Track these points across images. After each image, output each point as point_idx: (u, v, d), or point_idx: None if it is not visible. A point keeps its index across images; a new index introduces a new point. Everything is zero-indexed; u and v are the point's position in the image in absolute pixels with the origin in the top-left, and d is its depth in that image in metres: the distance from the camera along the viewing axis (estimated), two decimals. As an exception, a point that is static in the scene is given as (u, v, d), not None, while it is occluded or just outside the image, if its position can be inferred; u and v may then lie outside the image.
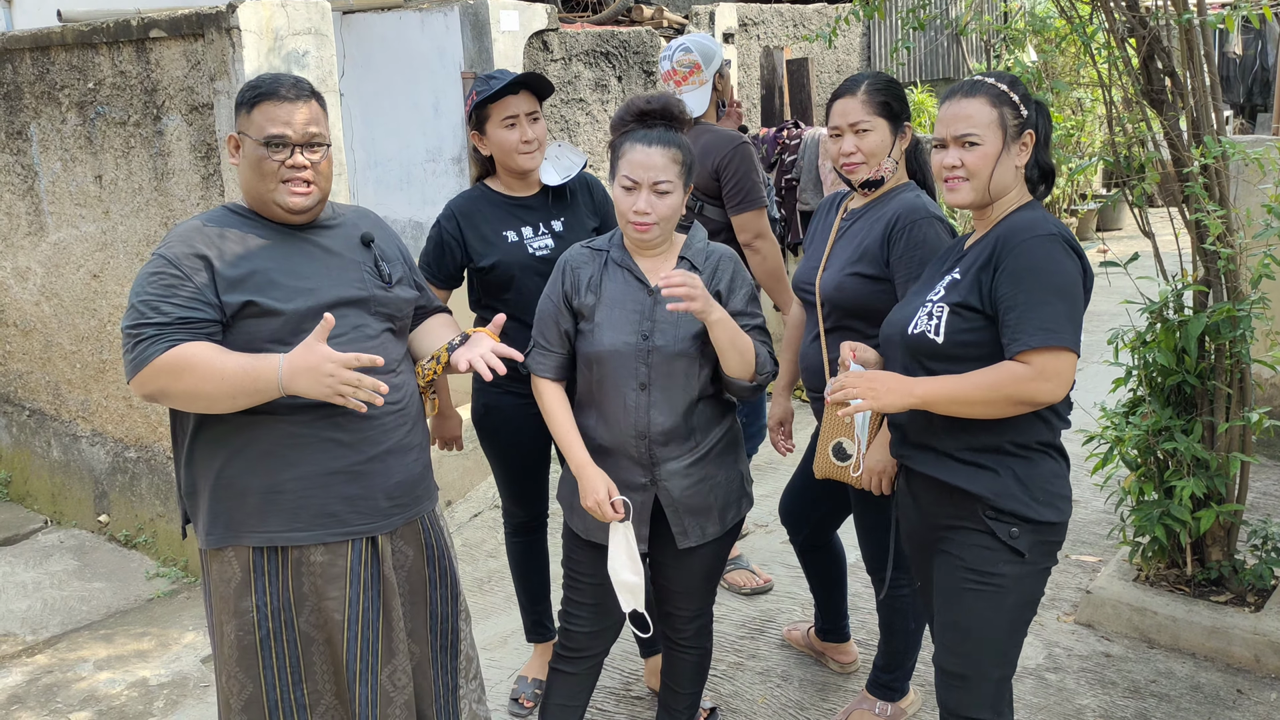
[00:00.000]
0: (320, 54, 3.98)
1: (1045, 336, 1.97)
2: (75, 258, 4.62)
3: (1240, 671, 3.12)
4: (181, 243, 2.07)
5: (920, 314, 2.15)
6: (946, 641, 2.19)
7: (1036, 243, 2.03)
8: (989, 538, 2.11)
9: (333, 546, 2.13)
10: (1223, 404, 3.17)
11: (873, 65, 8.38)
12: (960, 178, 2.12)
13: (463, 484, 4.70)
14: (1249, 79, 12.51)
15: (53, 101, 4.51)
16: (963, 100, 2.14)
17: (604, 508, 2.29)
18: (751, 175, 3.30)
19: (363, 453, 2.14)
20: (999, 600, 2.12)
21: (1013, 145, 2.12)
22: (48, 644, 3.85)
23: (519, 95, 2.73)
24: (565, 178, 2.83)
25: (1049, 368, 1.97)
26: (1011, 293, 2.01)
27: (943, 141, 2.16)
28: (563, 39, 5.72)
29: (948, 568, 2.17)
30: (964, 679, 2.17)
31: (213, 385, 1.96)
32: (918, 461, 2.21)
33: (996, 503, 2.09)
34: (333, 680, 2.19)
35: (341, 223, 2.24)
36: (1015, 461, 2.10)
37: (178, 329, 1.99)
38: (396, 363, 2.22)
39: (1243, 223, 3.20)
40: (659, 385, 2.30)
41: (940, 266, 2.27)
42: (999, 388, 1.99)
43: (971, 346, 2.08)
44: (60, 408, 4.95)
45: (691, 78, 3.40)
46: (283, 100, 2.09)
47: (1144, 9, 3.10)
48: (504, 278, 2.75)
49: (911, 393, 2.05)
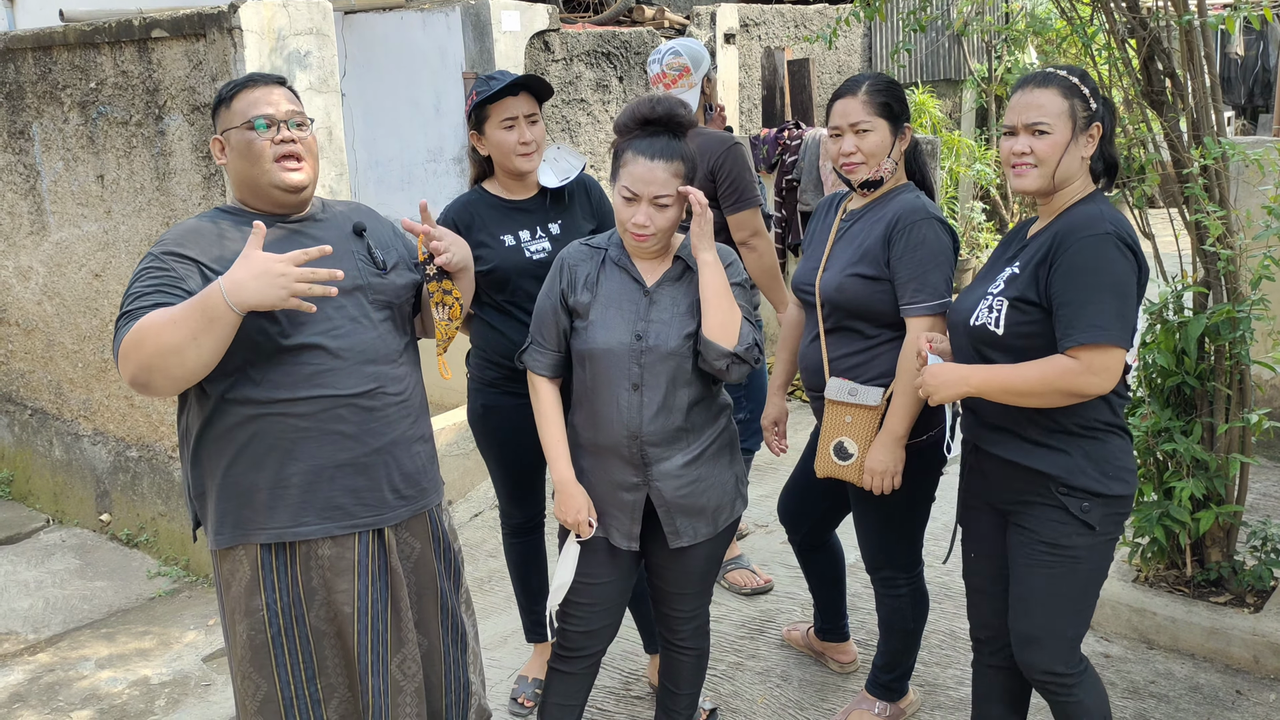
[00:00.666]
0: (322, 54, 3.99)
1: (1095, 334, 2.08)
2: (77, 257, 4.63)
3: (1239, 672, 3.12)
4: (173, 243, 2.07)
5: (981, 306, 2.24)
6: (1021, 608, 2.31)
7: (1091, 241, 2.12)
8: (1062, 513, 2.23)
9: (340, 539, 2.14)
10: (1222, 405, 3.17)
11: (874, 66, 8.38)
12: (1028, 164, 2.20)
13: (463, 484, 4.71)
14: (1250, 80, 12.51)
15: (55, 101, 4.52)
16: (1035, 90, 2.21)
17: (581, 527, 2.36)
18: (745, 175, 3.33)
19: (367, 445, 2.14)
20: (1073, 569, 2.25)
21: (1080, 136, 2.20)
22: (49, 642, 3.86)
23: (518, 97, 2.73)
24: (563, 181, 2.83)
25: (1097, 362, 2.08)
26: (1065, 289, 2.12)
27: (1013, 129, 2.23)
28: (564, 39, 5.72)
29: (1022, 540, 2.29)
30: (1039, 640, 2.30)
31: (169, 334, 1.88)
32: (992, 444, 2.31)
33: (1069, 480, 2.21)
34: (345, 673, 2.20)
35: (332, 216, 2.26)
36: (1084, 441, 2.22)
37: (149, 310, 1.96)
38: (398, 353, 2.22)
39: (1243, 224, 3.20)
40: (652, 385, 2.30)
41: (1003, 254, 2.35)
42: (1049, 380, 2.11)
43: (1030, 338, 2.18)
44: (62, 407, 4.96)
45: (681, 81, 3.45)
46: (257, 85, 2.14)
47: (1144, 10, 3.10)
48: (500, 280, 2.76)
49: (966, 381, 2.19)
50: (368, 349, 2.14)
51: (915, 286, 2.49)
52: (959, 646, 3.34)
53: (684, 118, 2.30)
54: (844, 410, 2.62)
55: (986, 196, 8.28)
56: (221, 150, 2.16)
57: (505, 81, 2.70)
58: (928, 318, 2.49)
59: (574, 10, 7.20)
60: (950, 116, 8.75)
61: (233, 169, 2.15)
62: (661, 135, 2.28)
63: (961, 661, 3.25)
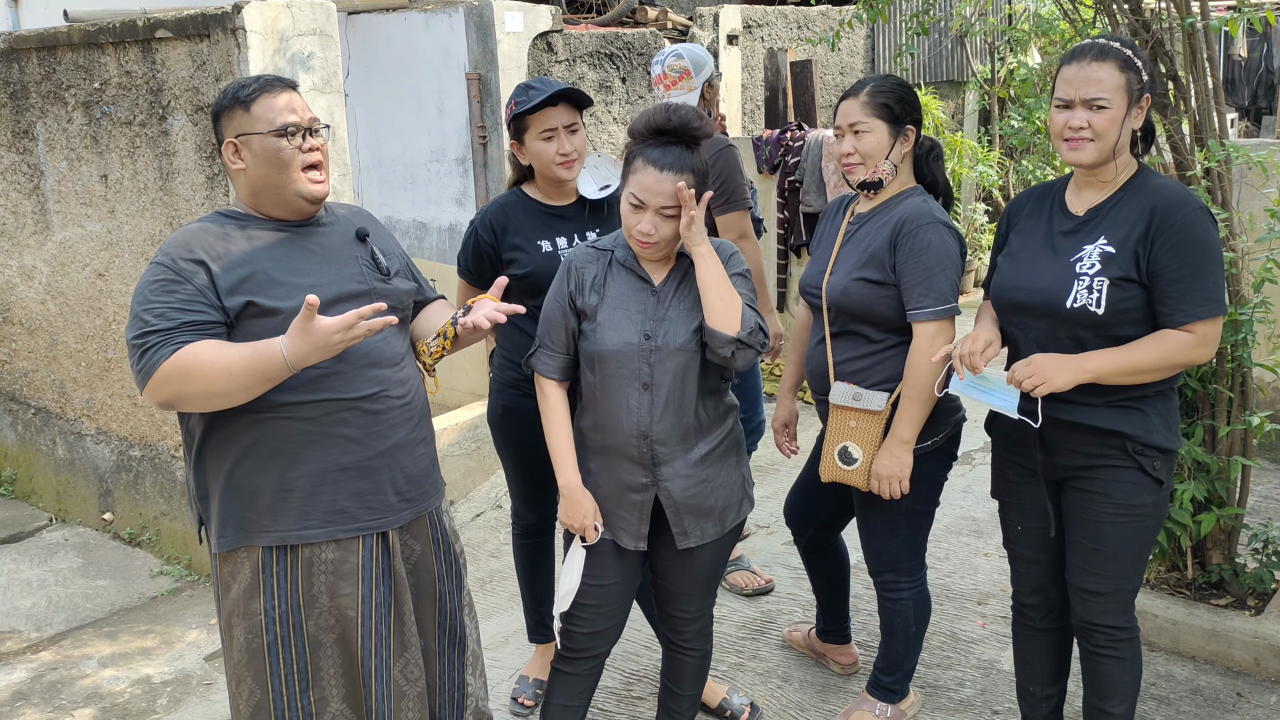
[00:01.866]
0: (325, 54, 4.00)
1: (1211, 307, 2.17)
2: (81, 257, 4.64)
3: (1240, 675, 3.12)
4: (178, 247, 2.06)
5: (1078, 287, 2.24)
6: (1089, 566, 2.38)
7: (1195, 217, 2.19)
8: (1135, 472, 2.30)
9: (344, 543, 2.14)
10: (1224, 408, 3.18)
11: (877, 68, 8.38)
12: (1085, 139, 2.21)
13: (465, 484, 4.72)
14: (1254, 82, 12.49)
15: (59, 101, 4.53)
16: (1093, 64, 2.22)
17: (587, 532, 2.37)
18: (736, 177, 3.34)
19: (371, 448, 2.15)
20: (1141, 526, 2.34)
21: (1133, 109, 2.22)
22: (52, 641, 3.87)
23: (558, 107, 2.69)
24: (603, 191, 2.82)
25: (1210, 334, 2.18)
26: (1176, 266, 2.17)
27: (1069, 102, 2.23)
28: (567, 40, 5.73)
29: (1088, 503, 2.36)
30: (1106, 595, 2.39)
31: (222, 382, 1.95)
32: (1069, 412, 2.32)
33: (1146, 439, 2.28)
34: (341, 683, 2.19)
35: (335, 221, 2.26)
36: (1155, 401, 2.29)
37: (181, 333, 1.99)
38: (401, 356, 2.23)
39: (1245, 226, 3.20)
40: (661, 384, 2.31)
41: (1050, 225, 2.35)
42: (1169, 358, 2.19)
43: (1127, 314, 2.23)
44: (65, 406, 4.97)
45: (681, 83, 3.46)
46: (278, 90, 2.12)
47: (1147, 12, 3.10)
48: (535, 286, 2.73)
49: (1084, 368, 2.21)
50: (372, 353, 2.14)
51: (920, 291, 2.49)
52: (960, 649, 3.34)
53: (698, 129, 2.28)
54: (848, 415, 2.62)
55: (989, 198, 8.28)
56: (236, 153, 2.11)
57: (546, 93, 2.66)
58: (933, 323, 2.49)
59: (577, 11, 7.20)
60: (953, 118, 8.75)
61: (252, 174, 2.12)
62: (674, 146, 2.27)
63: (963, 663, 3.26)
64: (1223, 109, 3.14)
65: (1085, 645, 2.46)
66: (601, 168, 2.86)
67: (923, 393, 2.49)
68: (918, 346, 2.50)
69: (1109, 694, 2.45)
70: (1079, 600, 2.42)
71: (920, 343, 2.50)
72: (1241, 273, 3.09)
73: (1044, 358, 2.24)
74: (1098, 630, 2.42)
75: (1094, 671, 2.46)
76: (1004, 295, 2.39)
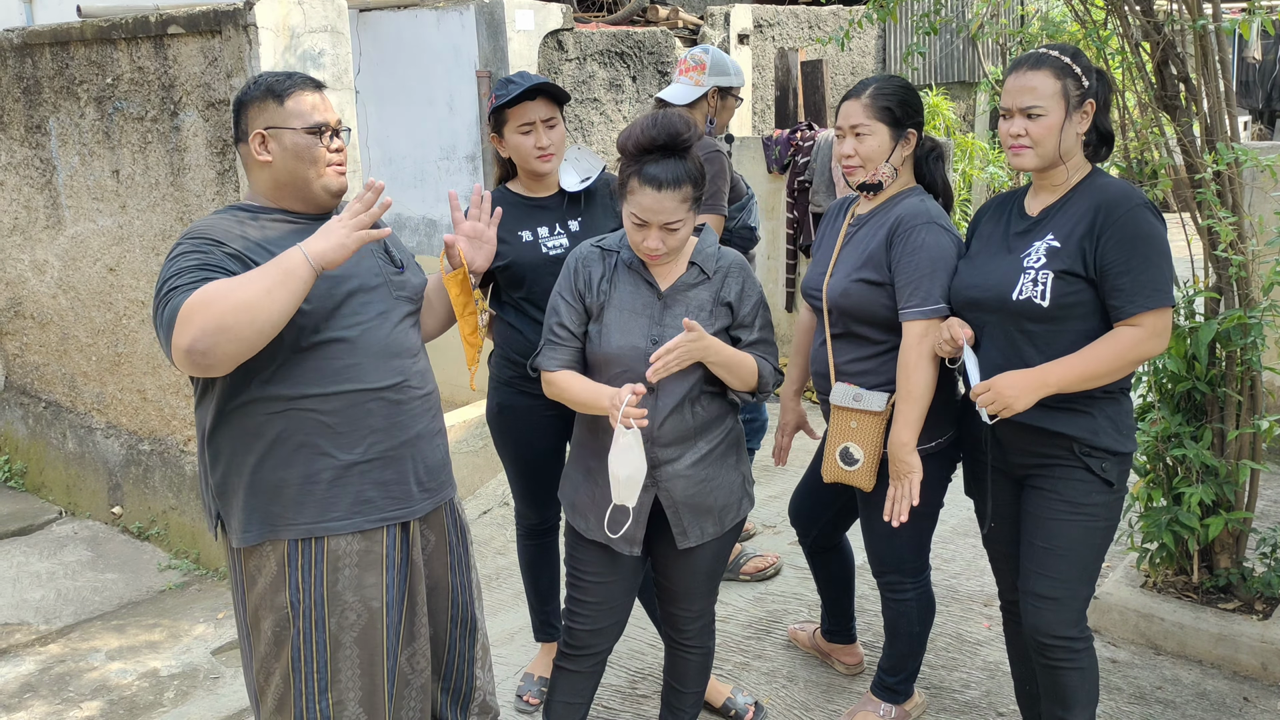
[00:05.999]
0: (336, 51, 4.01)
1: (1159, 297, 2.20)
2: (92, 251, 4.66)
3: (1247, 679, 3.11)
4: (198, 233, 2.07)
5: (1023, 280, 2.29)
6: (1041, 569, 2.38)
7: (1139, 212, 2.23)
8: (1083, 472, 2.32)
9: (369, 533, 2.15)
10: (1233, 411, 3.16)
11: (887, 68, 8.37)
12: (1025, 145, 2.29)
13: (472, 481, 4.73)
14: (1268, 84, 12.44)
15: (71, 96, 4.56)
16: (1028, 73, 2.28)
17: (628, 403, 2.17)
18: (717, 181, 3.32)
19: (394, 438, 2.17)
20: (1091, 527, 2.35)
21: (1074, 114, 2.27)
22: (60, 633, 3.89)
23: (536, 102, 2.74)
24: (583, 183, 2.85)
25: (1159, 325, 2.21)
26: (1124, 259, 2.21)
27: (1009, 111, 2.31)
28: (578, 39, 5.74)
29: (1041, 501, 2.38)
30: (1057, 600, 2.37)
31: (240, 291, 1.87)
32: (1020, 414, 2.33)
33: (1092, 441, 2.31)
34: (358, 684, 2.19)
35: None
36: (1104, 404, 2.32)
37: (200, 277, 1.95)
38: (417, 348, 2.27)
39: (1255, 230, 3.19)
40: (664, 388, 2.31)
41: (1007, 227, 2.41)
42: (1122, 354, 2.21)
43: (1073, 308, 2.26)
44: (76, 400, 5.00)
45: (690, 73, 3.49)
46: (311, 89, 2.17)
47: (1159, 14, 3.09)
48: (517, 277, 2.77)
49: (1045, 383, 2.24)
50: (392, 343, 2.17)
51: (911, 290, 2.49)
52: (966, 650, 3.34)
53: (687, 138, 2.25)
54: (849, 415, 2.62)
55: (999, 199, 8.26)
56: (264, 145, 2.12)
57: (522, 87, 2.71)
58: (921, 323, 2.48)
59: (588, 10, 7.21)
60: (964, 119, 8.73)
61: (279, 167, 2.13)
62: (667, 159, 2.24)
63: (968, 664, 3.25)
64: (1234, 112, 3.13)
65: (1043, 661, 2.43)
66: (582, 159, 2.89)
67: (913, 392, 2.49)
68: (907, 345, 2.49)
69: (1072, 703, 2.44)
70: (1030, 608, 2.40)
71: (909, 342, 2.49)
72: (1251, 276, 3.08)
73: (1004, 380, 2.26)
74: (1054, 645, 2.39)
75: (1054, 684, 2.44)
76: (959, 293, 2.45)
